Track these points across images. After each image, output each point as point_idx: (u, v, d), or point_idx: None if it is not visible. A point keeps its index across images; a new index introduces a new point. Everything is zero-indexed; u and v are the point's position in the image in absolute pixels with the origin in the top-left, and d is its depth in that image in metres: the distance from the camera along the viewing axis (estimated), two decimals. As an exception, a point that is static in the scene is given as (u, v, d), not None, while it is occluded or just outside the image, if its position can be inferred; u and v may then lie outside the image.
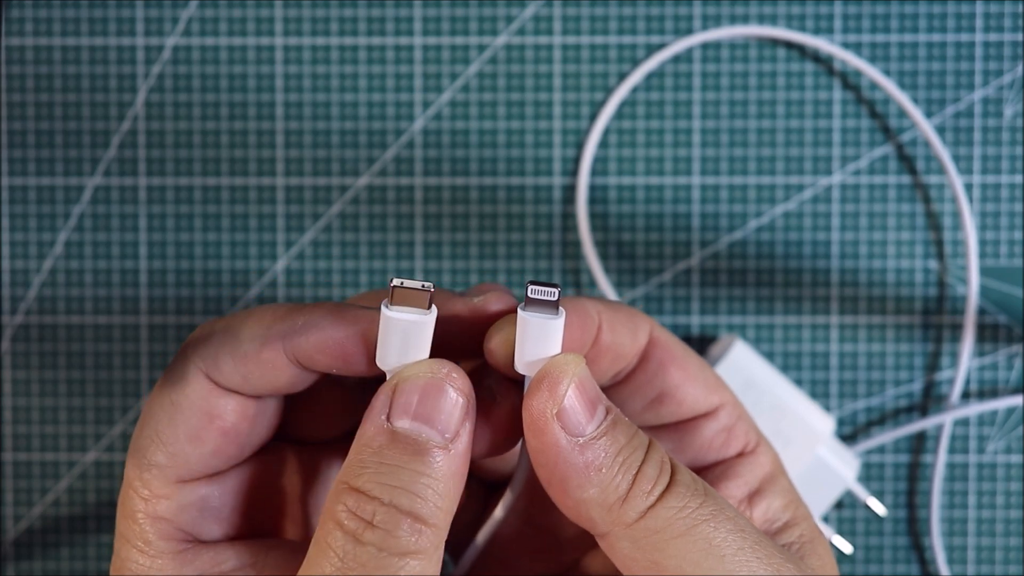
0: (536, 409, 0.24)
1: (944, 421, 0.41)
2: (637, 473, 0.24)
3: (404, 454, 0.23)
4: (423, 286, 0.24)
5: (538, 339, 0.25)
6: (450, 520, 0.24)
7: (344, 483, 0.23)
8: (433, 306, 0.24)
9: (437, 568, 0.23)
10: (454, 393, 0.24)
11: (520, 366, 0.25)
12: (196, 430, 0.25)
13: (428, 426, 0.24)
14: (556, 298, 0.24)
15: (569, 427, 0.24)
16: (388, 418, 0.24)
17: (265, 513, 0.28)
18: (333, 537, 0.23)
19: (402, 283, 0.24)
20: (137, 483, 0.25)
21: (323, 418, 0.29)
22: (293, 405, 0.28)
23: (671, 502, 0.24)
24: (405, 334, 0.24)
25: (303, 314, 0.25)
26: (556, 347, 0.25)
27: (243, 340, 0.25)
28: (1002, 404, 0.41)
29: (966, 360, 0.41)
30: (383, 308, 0.24)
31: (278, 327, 0.25)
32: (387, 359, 0.25)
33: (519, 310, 0.25)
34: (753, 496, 0.28)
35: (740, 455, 0.28)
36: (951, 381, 0.41)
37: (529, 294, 0.24)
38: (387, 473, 0.23)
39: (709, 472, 0.28)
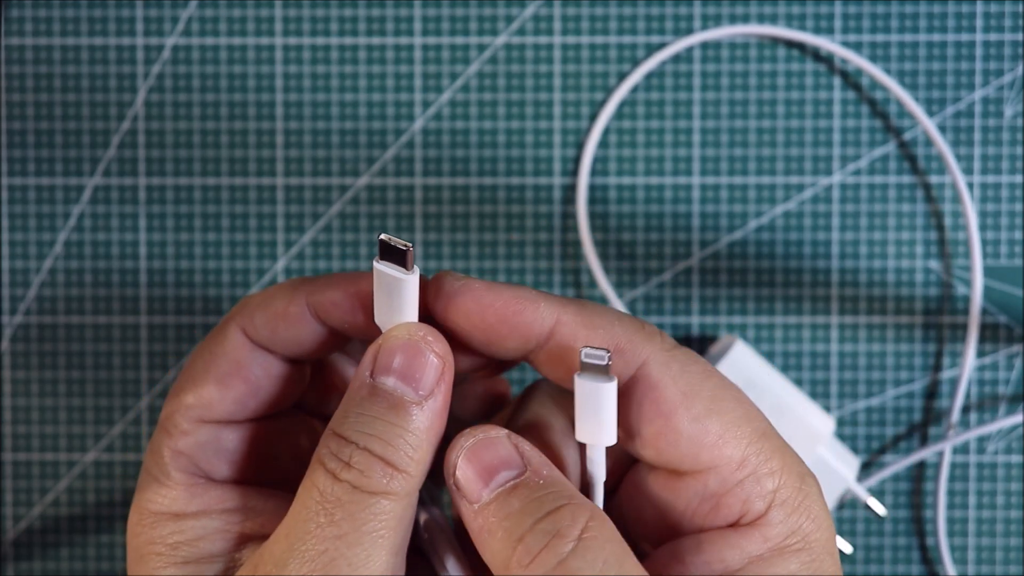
0: (445, 476, 0.26)
1: (951, 421, 0.41)
2: (518, 543, 0.24)
3: (381, 407, 0.26)
4: (404, 245, 0.26)
5: (589, 406, 0.26)
6: (424, 471, 0.26)
7: (330, 429, 0.26)
8: (416, 268, 0.26)
9: (409, 513, 0.26)
10: (431, 355, 0.26)
11: (580, 435, 0.26)
12: (224, 376, 0.28)
13: (405, 383, 0.26)
14: (606, 362, 0.25)
15: (465, 494, 0.26)
16: (372, 374, 0.26)
17: (272, 467, 0.30)
18: (317, 475, 0.25)
19: (389, 239, 0.26)
20: (167, 422, 0.28)
21: (338, 393, 0.31)
22: (315, 381, 0.31)
23: None
24: (389, 289, 0.26)
25: (324, 276, 0.28)
26: (608, 412, 0.26)
27: (275, 299, 0.28)
28: (1005, 423, 0.41)
29: (971, 360, 0.41)
30: (374, 261, 0.26)
31: (303, 287, 0.28)
32: (380, 315, 0.27)
33: (576, 377, 0.26)
34: None
35: (734, 525, 0.26)
36: (952, 381, 0.41)
37: (583, 358, 0.25)
38: (365, 423, 0.25)
39: (692, 537, 0.26)
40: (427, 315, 0.28)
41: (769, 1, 0.41)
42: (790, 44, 0.41)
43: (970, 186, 0.41)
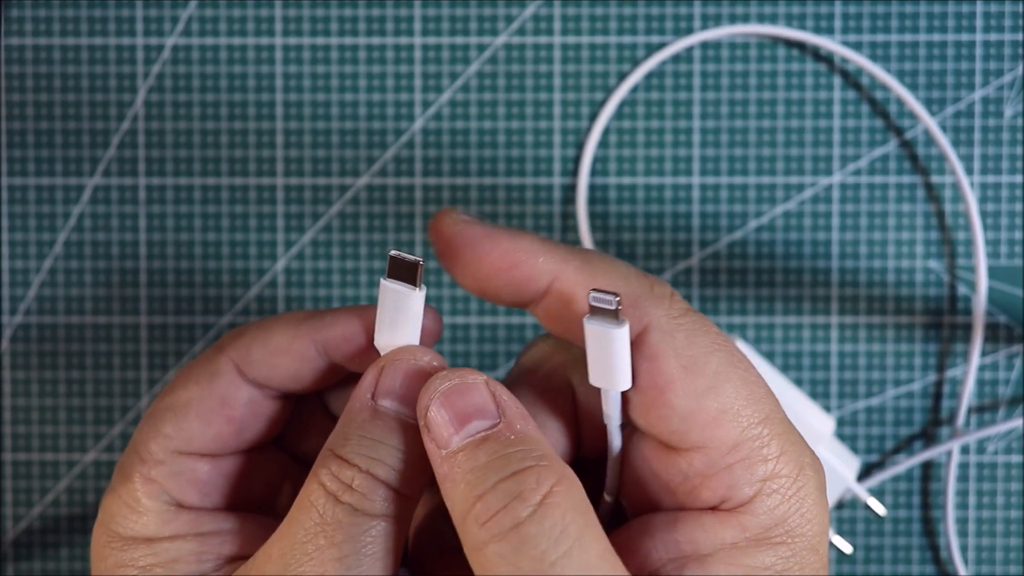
0: (417, 418, 0.25)
1: (957, 424, 0.41)
2: (478, 499, 0.23)
3: (384, 430, 0.25)
4: (415, 260, 0.26)
5: (600, 351, 0.25)
6: (422, 492, 0.26)
7: (330, 450, 0.25)
8: (423, 285, 0.26)
9: (405, 532, 0.25)
10: None
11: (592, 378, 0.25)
12: (208, 412, 0.28)
13: (407, 407, 0.26)
14: (615, 307, 0.24)
15: (435, 438, 0.25)
16: (373, 396, 0.26)
17: (244, 495, 0.29)
18: (316, 495, 0.25)
19: (399, 255, 0.26)
20: (141, 446, 0.28)
21: (319, 438, 0.30)
22: (296, 424, 0.30)
23: (500, 548, 0.23)
24: (396, 306, 0.26)
25: (329, 312, 0.28)
26: (621, 360, 0.25)
27: (275, 334, 0.28)
28: (1007, 426, 0.41)
29: (975, 360, 0.41)
30: (381, 279, 0.26)
31: (308, 322, 0.28)
32: (381, 335, 0.27)
33: (585, 321, 0.25)
34: (688, 561, 0.25)
35: (714, 509, 0.25)
36: (952, 381, 0.41)
37: (591, 302, 0.24)
38: (367, 445, 0.25)
39: (667, 513, 0.26)
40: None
41: (769, 1, 0.41)
42: (790, 44, 0.41)
43: (970, 186, 0.41)
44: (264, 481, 0.30)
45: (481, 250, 0.26)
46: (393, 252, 0.26)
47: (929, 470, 0.42)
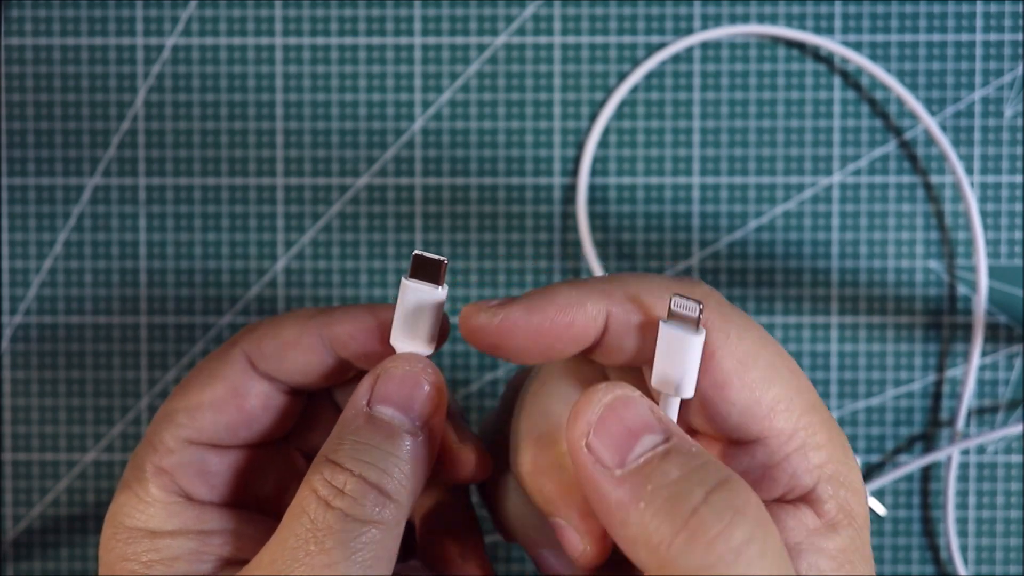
0: (570, 439, 0.24)
1: (957, 425, 0.41)
2: (691, 516, 0.22)
3: (378, 435, 0.26)
4: (439, 259, 0.26)
5: (673, 356, 0.24)
6: (412, 501, 0.26)
7: (323, 456, 0.26)
8: (446, 284, 0.27)
9: (396, 542, 0.25)
10: (428, 386, 0.26)
11: (654, 382, 0.25)
12: (220, 401, 0.28)
13: (402, 413, 0.26)
14: (697, 314, 0.24)
15: (602, 459, 0.23)
16: (368, 403, 0.26)
17: (253, 492, 0.30)
18: (307, 502, 0.25)
19: (423, 254, 0.26)
20: (154, 437, 0.28)
21: (322, 427, 0.31)
22: (310, 422, 0.31)
23: (737, 570, 0.21)
24: (417, 305, 0.27)
25: (340, 308, 0.28)
26: (691, 364, 0.24)
27: (285, 328, 0.28)
28: (1014, 430, 0.41)
29: (976, 360, 0.41)
30: (403, 278, 0.27)
31: (318, 318, 0.28)
32: (398, 334, 0.27)
33: (661, 323, 0.25)
34: None
35: (778, 501, 0.25)
36: (952, 381, 0.41)
37: (673, 307, 0.24)
38: (361, 450, 0.25)
39: None
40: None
41: (769, 1, 0.41)
42: (790, 44, 0.41)
43: (970, 186, 0.41)
44: (273, 479, 0.30)
45: (533, 325, 0.25)
46: (417, 251, 0.27)
47: (929, 470, 0.42)
